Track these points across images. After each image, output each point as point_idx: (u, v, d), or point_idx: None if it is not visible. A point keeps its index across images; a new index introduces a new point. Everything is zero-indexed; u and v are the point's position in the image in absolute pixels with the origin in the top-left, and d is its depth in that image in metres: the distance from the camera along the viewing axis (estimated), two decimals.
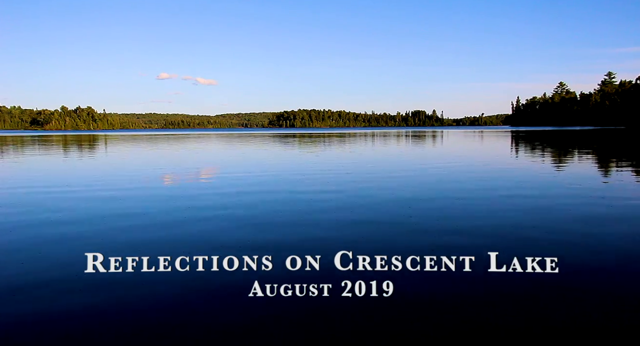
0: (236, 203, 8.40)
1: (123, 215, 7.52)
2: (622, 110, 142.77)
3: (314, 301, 3.85)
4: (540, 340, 3.19)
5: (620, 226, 6.40)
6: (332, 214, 7.42)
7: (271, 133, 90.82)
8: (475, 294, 3.99)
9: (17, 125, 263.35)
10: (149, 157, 22.48)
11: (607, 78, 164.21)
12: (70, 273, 4.55)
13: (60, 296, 3.98)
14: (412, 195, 9.25)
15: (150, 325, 3.46)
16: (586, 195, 8.99)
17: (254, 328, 3.39)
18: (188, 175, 13.22)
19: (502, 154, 21.68)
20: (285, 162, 18.83)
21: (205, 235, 6.10)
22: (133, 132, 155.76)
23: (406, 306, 3.74)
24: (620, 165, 15.32)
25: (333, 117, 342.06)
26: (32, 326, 3.43)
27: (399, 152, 26.21)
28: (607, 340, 3.17)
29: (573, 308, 3.67)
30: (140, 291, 4.08)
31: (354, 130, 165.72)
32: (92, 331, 3.34)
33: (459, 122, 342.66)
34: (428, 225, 6.56)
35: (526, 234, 5.91)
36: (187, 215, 7.39)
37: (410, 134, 71.28)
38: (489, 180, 11.54)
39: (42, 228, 6.64)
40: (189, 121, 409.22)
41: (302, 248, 5.24)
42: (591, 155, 20.10)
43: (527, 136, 50.09)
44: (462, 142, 38.93)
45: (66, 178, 12.85)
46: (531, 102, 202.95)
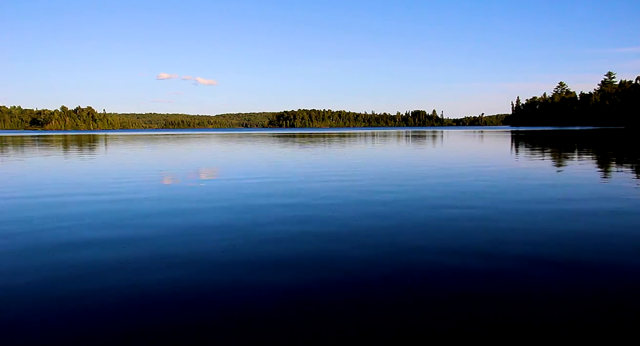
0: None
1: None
2: (622, 110, 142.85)
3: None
4: (541, 340, 3.19)
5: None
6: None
7: (273, 133, 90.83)
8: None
9: (17, 125, 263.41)
10: (176, 159, 22.43)
11: (607, 78, 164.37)
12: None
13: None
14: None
15: (149, 324, 3.47)
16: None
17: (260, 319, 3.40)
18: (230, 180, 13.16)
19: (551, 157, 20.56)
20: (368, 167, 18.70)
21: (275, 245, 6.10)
22: (133, 132, 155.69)
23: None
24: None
25: (333, 117, 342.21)
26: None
27: (434, 152, 25.99)
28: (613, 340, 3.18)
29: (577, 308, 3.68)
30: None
31: (354, 130, 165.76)
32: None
33: (459, 122, 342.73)
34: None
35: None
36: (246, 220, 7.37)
37: (416, 134, 71.23)
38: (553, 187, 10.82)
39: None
40: (189, 121, 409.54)
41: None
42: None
43: (539, 136, 49.83)
44: (478, 142, 38.60)
45: (91, 182, 12.82)
46: (531, 102, 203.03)
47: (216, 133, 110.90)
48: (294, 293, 4.05)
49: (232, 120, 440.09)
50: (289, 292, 4.08)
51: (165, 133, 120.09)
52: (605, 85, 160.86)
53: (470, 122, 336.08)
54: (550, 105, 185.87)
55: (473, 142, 39.63)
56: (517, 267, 4.69)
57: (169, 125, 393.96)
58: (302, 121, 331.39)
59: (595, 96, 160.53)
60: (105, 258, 5.09)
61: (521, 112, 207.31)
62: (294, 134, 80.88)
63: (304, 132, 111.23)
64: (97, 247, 5.56)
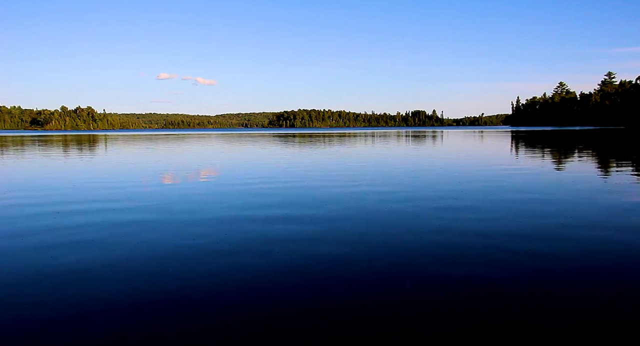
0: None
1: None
2: (622, 110, 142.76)
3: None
4: (541, 340, 3.16)
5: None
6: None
7: (273, 133, 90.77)
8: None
9: (17, 125, 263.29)
10: (176, 160, 22.40)
11: (607, 78, 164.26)
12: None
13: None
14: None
15: (150, 323, 3.44)
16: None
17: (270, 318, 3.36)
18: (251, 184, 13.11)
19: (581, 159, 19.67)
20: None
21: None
22: (133, 132, 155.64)
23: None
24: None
25: (333, 117, 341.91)
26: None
27: (451, 153, 25.82)
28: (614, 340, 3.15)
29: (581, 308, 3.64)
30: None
31: (354, 130, 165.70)
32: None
33: (459, 122, 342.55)
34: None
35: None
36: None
37: (416, 134, 71.21)
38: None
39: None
40: (189, 121, 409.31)
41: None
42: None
43: (543, 137, 49.86)
44: (490, 143, 38.51)
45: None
46: (531, 102, 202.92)
47: (216, 133, 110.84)
48: (293, 294, 4.02)
49: (232, 120, 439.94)
50: (289, 292, 4.05)
51: (165, 133, 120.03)
52: (605, 85, 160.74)
53: (470, 122, 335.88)
54: (550, 105, 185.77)
55: (487, 143, 39.57)
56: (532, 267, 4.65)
57: (169, 125, 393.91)
58: (302, 121, 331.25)
59: (595, 96, 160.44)
60: (100, 260, 5.06)
61: (521, 112, 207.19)
62: (294, 134, 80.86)
63: (304, 132, 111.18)
64: (89, 251, 5.53)
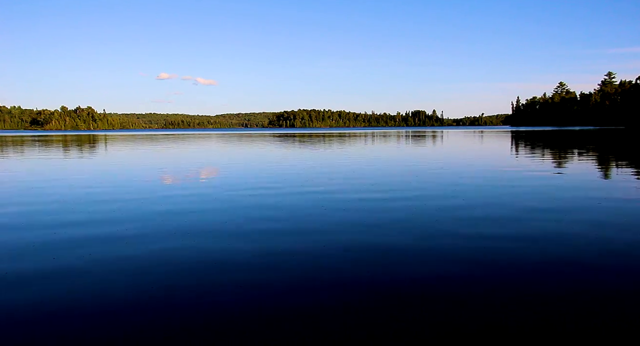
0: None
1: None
2: (622, 110, 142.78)
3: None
4: (541, 340, 3.14)
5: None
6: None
7: (273, 133, 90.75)
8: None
9: (17, 125, 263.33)
10: (177, 160, 22.38)
11: (607, 78, 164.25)
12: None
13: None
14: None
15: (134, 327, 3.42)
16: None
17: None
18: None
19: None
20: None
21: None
22: (134, 132, 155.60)
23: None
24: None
25: (333, 117, 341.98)
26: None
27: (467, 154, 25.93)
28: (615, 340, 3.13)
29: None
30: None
31: (354, 130, 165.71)
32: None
33: (459, 122, 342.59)
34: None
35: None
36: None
37: (416, 134, 71.17)
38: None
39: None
40: (189, 121, 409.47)
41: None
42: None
43: (544, 137, 49.83)
44: (498, 143, 38.51)
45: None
46: (531, 102, 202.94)
47: (216, 133, 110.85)
48: (292, 294, 4.00)
49: (232, 120, 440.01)
50: (288, 292, 4.03)
51: (165, 133, 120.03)
52: (605, 85, 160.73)
53: (470, 122, 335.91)
54: (550, 105, 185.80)
55: (491, 143, 39.56)
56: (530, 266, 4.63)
57: (169, 125, 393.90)
58: (302, 121, 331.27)
59: (595, 96, 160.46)
60: (98, 258, 5.04)
61: (521, 112, 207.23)
62: (294, 134, 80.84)
63: (304, 132, 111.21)
64: (89, 247, 5.51)
